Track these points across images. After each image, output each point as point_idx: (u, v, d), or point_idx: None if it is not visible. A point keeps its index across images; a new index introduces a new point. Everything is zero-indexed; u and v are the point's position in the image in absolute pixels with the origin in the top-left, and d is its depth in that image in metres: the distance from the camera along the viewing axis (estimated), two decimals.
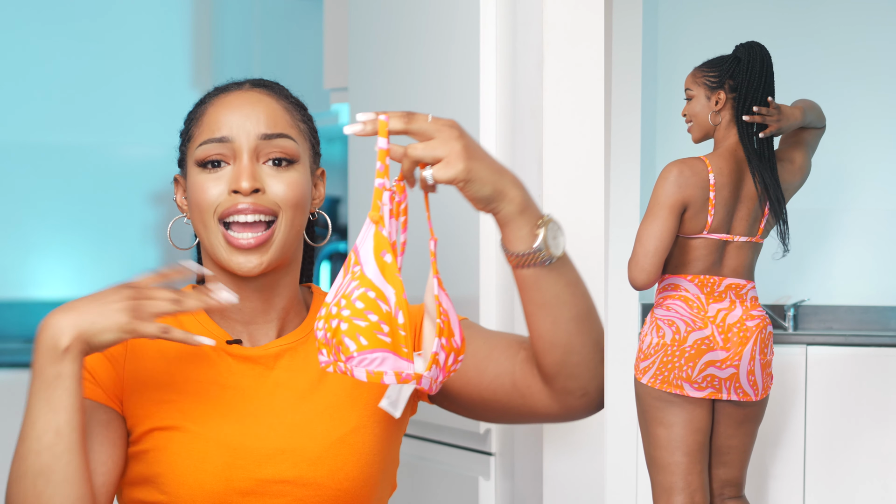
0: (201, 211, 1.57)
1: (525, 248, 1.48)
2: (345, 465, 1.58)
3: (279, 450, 1.57)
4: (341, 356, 1.36)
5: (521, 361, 1.61)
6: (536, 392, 1.60)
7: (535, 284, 1.50)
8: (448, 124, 1.42)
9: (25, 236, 4.24)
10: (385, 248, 1.37)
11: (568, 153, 2.13)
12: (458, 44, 2.34)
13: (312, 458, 1.58)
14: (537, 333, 1.54)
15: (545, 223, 1.48)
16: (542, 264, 1.49)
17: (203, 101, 1.64)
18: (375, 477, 1.61)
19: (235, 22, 4.30)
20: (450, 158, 1.40)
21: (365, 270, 1.36)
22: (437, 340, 1.38)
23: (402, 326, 1.35)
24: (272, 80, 1.70)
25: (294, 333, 1.64)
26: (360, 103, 2.76)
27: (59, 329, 1.44)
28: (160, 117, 4.26)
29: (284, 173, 1.57)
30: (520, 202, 1.46)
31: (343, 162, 3.00)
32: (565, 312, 1.52)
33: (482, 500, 2.29)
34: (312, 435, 1.59)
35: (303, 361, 1.62)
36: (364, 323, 1.34)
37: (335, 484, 1.58)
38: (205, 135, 1.58)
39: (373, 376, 1.35)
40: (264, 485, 1.56)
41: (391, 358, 1.35)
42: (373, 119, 1.39)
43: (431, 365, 1.37)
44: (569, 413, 1.61)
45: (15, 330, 4.19)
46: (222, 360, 1.60)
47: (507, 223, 1.47)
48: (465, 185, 1.42)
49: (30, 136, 4.26)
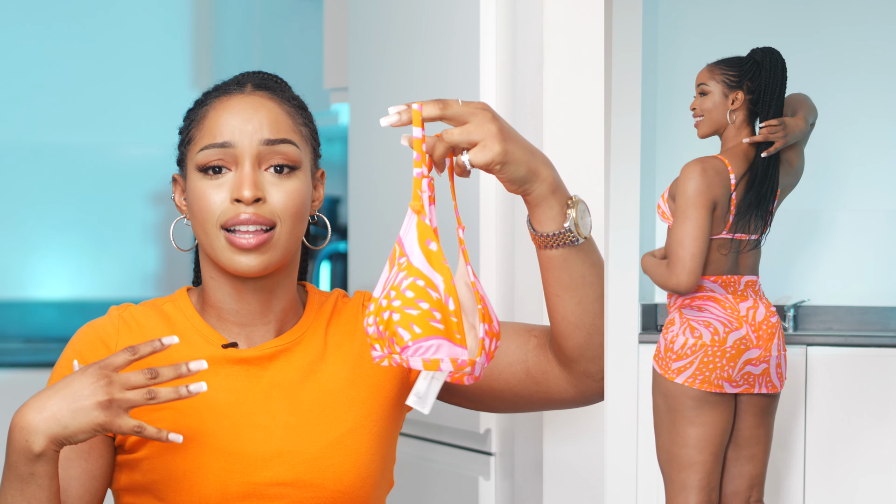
0: (203, 218, 1.56)
1: (555, 227, 1.48)
2: (342, 466, 1.58)
3: (276, 453, 1.56)
4: (395, 347, 1.35)
5: (533, 348, 1.61)
6: (552, 378, 1.60)
7: (562, 265, 1.50)
8: (481, 107, 1.42)
9: (25, 236, 4.24)
10: (429, 236, 1.37)
11: (568, 153, 2.13)
12: (458, 44, 2.34)
13: (309, 460, 1.57)
14: (561, 315, 1.53)
15: (575, 203, 1.49)
16: (570, 244, 1.49)
17: (204, 101, 1.62)
18: (374, 477, 1.60)
19: (235, 22, 4.30)
20: (486, 141, 1.40)
21: (412, 260, 1.36)
22: (482, 326, 1.37)
23: (453, 313, 1.35)
24: (272, 73, 1.69)
25: (290, 333, 1.63)
26: (360, 103, 2.76)
27: (31, 433, 1.40)
28: (160, 117, 4.26)
29: (286, 181, 1.56)
30: (551, 182, 1.47)
31: (343, 162, 3.00)
32: (591, 293, 1.52)
33: (482, 500, 2.28)
34: (309, 436, 1.58)
35: (298, 361, 1.61)
36: (416, 312, 1.34)
37: (333, 486, 1.57)
38: (206, 139, 1.57)
39: (430, 364, 1.34)
40: (262, 488, 1.55)
41: (446, 345, 1.35)
42: (406, 109, 1.39)
43: (480, 350, 1.36)
44: (585, 397, 1.61)
45: (15, 330, 4.19)
46: (217, 365, 1.59)
47: (539, 203, 1.47)
48: (502, 167, 1.42)
49: (30, 136, 4.26)
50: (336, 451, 1.58)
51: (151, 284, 4.26)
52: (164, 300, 1.65)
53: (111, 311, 1.63)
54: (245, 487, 1.55)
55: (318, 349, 1.63)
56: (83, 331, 1.61)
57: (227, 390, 1.58)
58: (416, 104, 1.39)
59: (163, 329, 1.60)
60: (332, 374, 1.62)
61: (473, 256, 2.24)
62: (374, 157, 2.71)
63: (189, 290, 1.66)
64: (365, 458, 1.59)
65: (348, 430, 1.60)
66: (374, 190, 2.71)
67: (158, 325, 1.61)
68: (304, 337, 1.63)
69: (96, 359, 1.56)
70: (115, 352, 1.53)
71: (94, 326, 1.61)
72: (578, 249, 1.50)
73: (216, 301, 1.61)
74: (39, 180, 4.25)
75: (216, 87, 1.64)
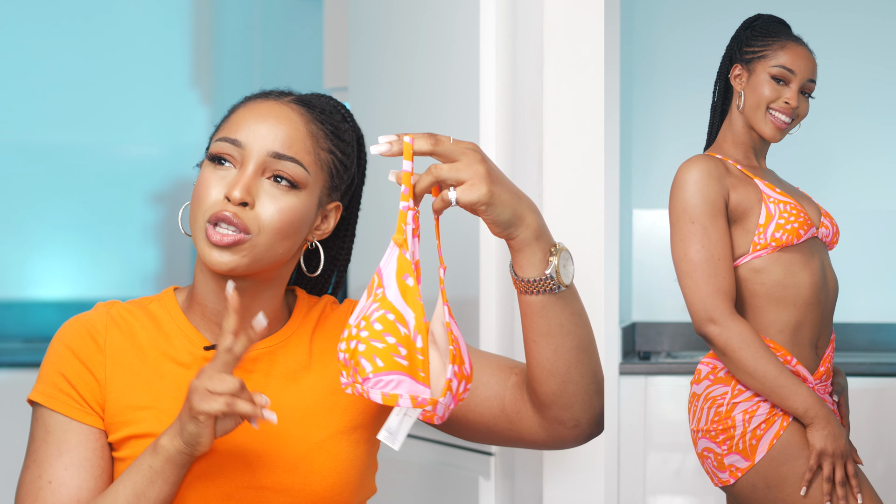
0: (196, 206, 1.56)
1: (536, 274, 1.48)
2: (321, 471, 1.58)
3: (256, 456, 1.56)
4: (358, 377, 1.36)
5: (511, 386, 1.61)
6: (526, 419, 1.60)
7: (541, 312, 1.50)
8: (471, 147, 1.43)
9: (25, 236, 4.24)
10: (407, 271, 1.37)
11: (568, 153, 2.13)
12: (458, 44, 2.34)
13: (289, 464, 1.57)
14: (536, 361, 1.53)
15: (558, 251, 1.48)
16: (550, 292, 1.49)
17: (245, 99, 1.64)
18: (353, 483, 1.60)
19: (235, 22, 4.30)
20: (474, 181, 1.41)
21: (387, 293, 1.37)
22: (450, 367, 1.37)
23: (420, 350, 1.35)
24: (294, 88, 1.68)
25: (274, 337, 1.63)
26: (360, 103, 2.76)
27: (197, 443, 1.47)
28: (160, 117, 4.26)
29: (281, 196, 1.56)
30: (535, 228, 1.47)
31: None
32: (567, 342, 1.52)
33: (482, 500, 2.28)
34: (289, 441, 1.58)
35: (281, 365, 1.61)
36: (381, 345, 1.34)
37: (312, 491, 1.57)
38: (224, 131, 1.58)
39: (388, 399, 1.35)
40: (241, 491, 1.55)
41: (407, 381, 1.35)
42: (397, 140, 1.40)
43: (446, 391, 1.36)
44: (557, 442, 1.61)
45: (15, 330, 4.19)
46: (199, 366, 1.58)
47: (522, 248, 1.47)
48: (487, 208, 1.42)
49: (30, 136, 4.26)
50: (316, 457, 1.58)
51: (151, 284, 4.26)
52: (151, 299, 1.65)
53: (98, 307, 1.63)
54: (224, 489, 1.55)
55: (302, 354, 1.63)
56: (70, 324, 1.61)
57: None
58: (407, 136, 1.40)
59: (149, 327, 1.60)
60: (315, 380, 1.62)
61: (474, 269, 2.24)
62: (373, 157, 2.71)
63: (176, 290, 1.66)
64: (345, 465, 1.59)
65: (329, 436, 1.60)
66: (374, 191, 2.71)
67: (144, 324, 1.61)
68: (289, 341, 1.63)
69: (88, 355, 1.57)
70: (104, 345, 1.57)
71: (81, 320, 1.61)
72: (558, 297, 1.49)
73: (201, 297, 1.61)
74: (39, 180, 4.25)
75: (262, 91, 1.65)
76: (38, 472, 1.56)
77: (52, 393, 1.57)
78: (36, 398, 1.57)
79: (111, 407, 1.57)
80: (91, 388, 1.57)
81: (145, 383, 1.57)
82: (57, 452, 1.56)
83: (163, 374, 1.58)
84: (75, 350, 1.58)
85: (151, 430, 1.55)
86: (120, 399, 1.57)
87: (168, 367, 1.58)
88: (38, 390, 1.58)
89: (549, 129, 2.15)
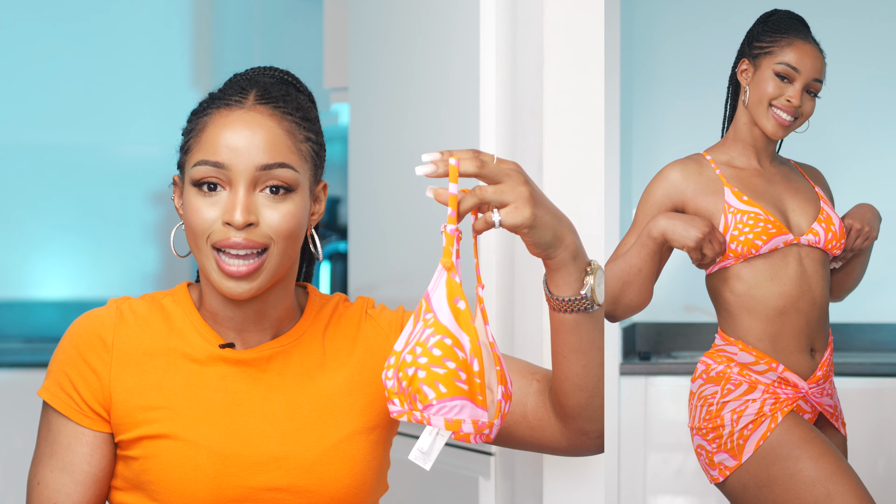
0: (194, 234, 1.54)
1: (572, 293, 1.48)
2: (338, 472, 1.58)
3: (272, 457, 1.56)
4: (417, 405, 1.35)
5: (534, 392, 1.61)
6: (548, 426, 1.60)
7: (574, 329, 1.50)
8: (515, 168, 1.43)
9: (25, 236, 4.24)
10: (458, 294, 1.37)
11: (568, 154, 2.13)
12: (458, 44, 2.34)
13: (305, 465, 1.57)
14: (565, 376, 1.54)
15: (594, 271, 1.49)
16: (585, 311, 1.49)
17: (205, 109, 1.59)
18: (370, 483, 1.60)
19: (235, 22, 4.30)
20: (518, 204, 1.41)
21: (439, 317, 1.36)
22: (500, 388, 1.37)
23: (477, 374, 1.35)
24: (276, 67, 1.66)
25: (287, 336, 1.62)
26: (360, 103, 2.76)
27: None
28: (160, 117, 4.26)
29: (280, 204, 1.54)
30: (574, 248, 1.47)
31: (343, 162, 3.00)
32: (598, 358, 1.53)
33: (482, 500, 2.29)
34: (305, 442, 1.58)
35: (296, 364, 1.61)
36: (442, 370, 1.34)
37: (328, 492, 1.57)
38: (201, 154, 1.55)
39: (451, 424, 1.35)
40: (257, 492, 1.55)
41: (469, 406, 1.35)
42: (442, 161, 1.39)
43: (498, 413, 1.37)
44: (577, 451, 1.61)
45: (15, 330, 4.19)
46: (213, 364, 1.58)
47: (559, 269, 1.47)
48: (530, 230, 1.42)
49: (30, 136, 4.26)
50: (333, 458, 1.58)
51: (151, 284, 4.26)
52: (164, 294, 1.64)
53: (110, 303, 1.62)
54: (239, 491, 1.55)
55: (316, 353, 1.62)
56: (79, 321, 1.61)
57: (224, 391, 1.58)
58: (452, 159, 1.39)
59: (161, 324, 1.60)
60: (330, 379, 1.61)
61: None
62: (374, 158, 2.71)
63: (190, 286, 1.66)
64: (361, 465, 1.59)
65: (345, 437, 1.59)
66: (374, 190, 2.71)
67: (157, 320, 1.60)
68: (302, 339, 1.63)
69: (93, 354, 1.56)
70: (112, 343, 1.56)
71: (90, 318, 1.61)
72: (591, 315, 1.50)
73: (211, 307, 1.61)
74: (39, 180, 4.25)
75: (220, 91, 1.61)
76: (34, 472, 1.58)
77: (55, 391, 1.58)
78: (42, 395, 1.59)
79: (118, 407, 1.56)
80: (93, 390, 1.56)
81: (156, 383, 1.57)
82: (49, 453, 1.57)
83: (175, 371, 1.58)
84: (81, 350, 1.58)
85: (164, 431, 1.55)
86: (129, 399, 1.56)
87: (181, 364, 1.58)
88: (45, 387, 1.59)
89: (549, 129, 2.14)
